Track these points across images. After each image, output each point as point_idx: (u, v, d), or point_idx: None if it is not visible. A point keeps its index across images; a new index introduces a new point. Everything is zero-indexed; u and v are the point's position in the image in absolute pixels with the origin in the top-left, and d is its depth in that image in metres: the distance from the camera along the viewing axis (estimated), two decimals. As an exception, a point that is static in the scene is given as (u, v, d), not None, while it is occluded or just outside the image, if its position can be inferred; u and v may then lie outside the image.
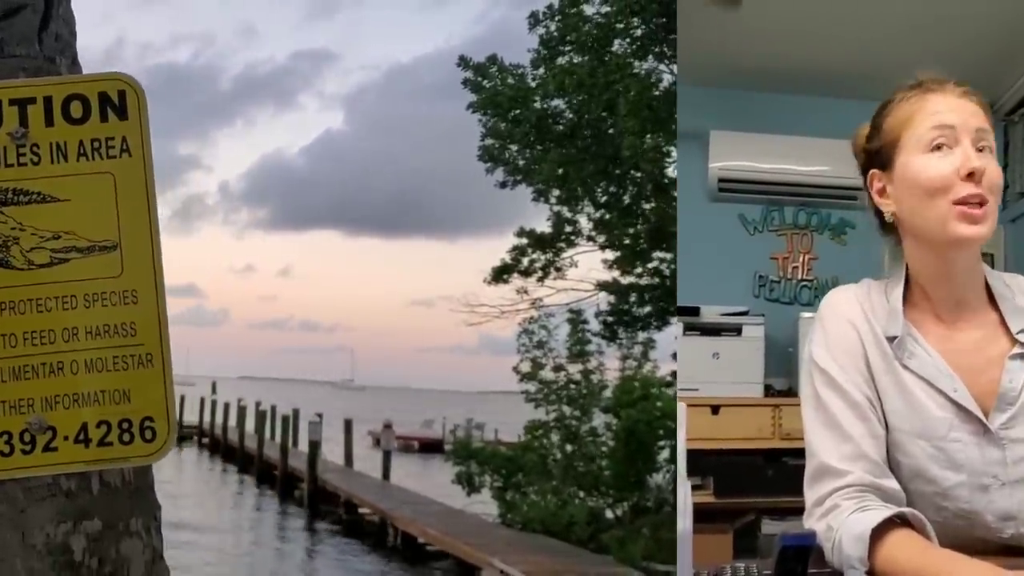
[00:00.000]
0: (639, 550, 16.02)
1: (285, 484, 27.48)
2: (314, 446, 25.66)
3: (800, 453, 2.23)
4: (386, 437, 27.86)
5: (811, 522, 2.07)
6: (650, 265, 16.03)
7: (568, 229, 16.23)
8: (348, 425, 30.28)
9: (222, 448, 38.61)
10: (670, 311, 15.86)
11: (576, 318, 20.01)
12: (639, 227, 15.37)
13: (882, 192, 2.17)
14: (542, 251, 16.48)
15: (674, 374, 16.28)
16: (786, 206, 6.80)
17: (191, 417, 45.44)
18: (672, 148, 13.49)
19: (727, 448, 6.34)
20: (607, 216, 15.36)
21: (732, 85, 6.41)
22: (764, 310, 6.64)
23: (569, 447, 20.25)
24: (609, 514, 19.30)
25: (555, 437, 20.54)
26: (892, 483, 2.08)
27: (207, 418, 42.98)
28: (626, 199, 14.94)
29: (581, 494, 19.43)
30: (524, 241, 16.45)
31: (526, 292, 16.92)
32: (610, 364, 20.93)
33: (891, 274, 2.22)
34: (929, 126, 2.07)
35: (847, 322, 2.18)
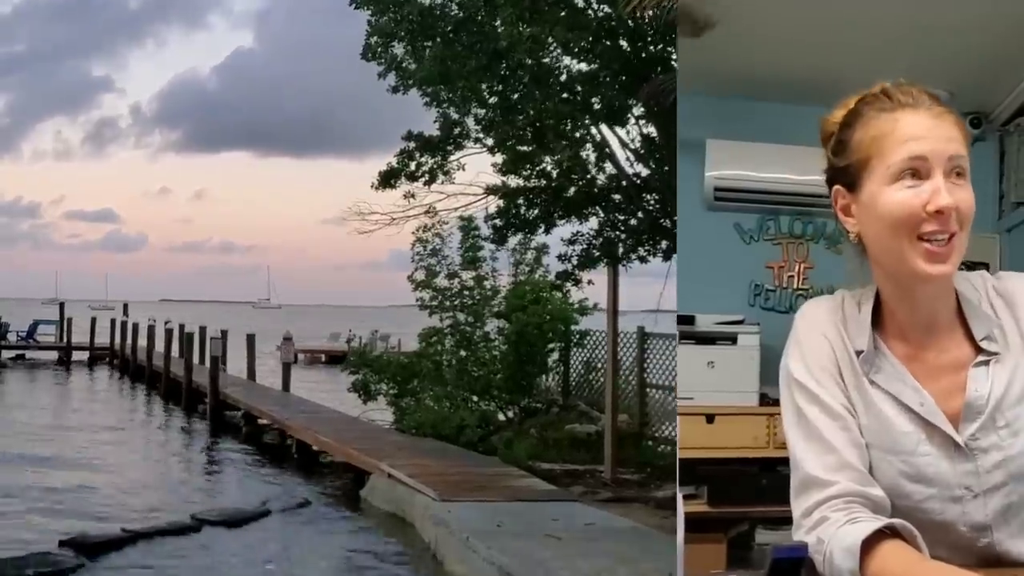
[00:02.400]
0: (525, 450, 15.88)
1: (190, 399, 27.04)
2: (215, 361, 25.23)
3: (795, 463, 2.22)
4: (285, 349, 27.45)
5: (800, 535, 2.06)
6: (538, 167, 15.62)
7: (456, 131, 15.76)
8: (251, 340, 29.81)
9: (132, 368, 37.97)
10: (555, 214, 15.59)
11: (468, 225, 19.85)
12: (524, 127, 14.94)
13: (846, 210, 2.11)
14: (430, 154, 15.99)
15: (561, 277, 16.00)
16: (782, 215, 6.69)
17: (103, 339, 44.64)
18: (551, 39, 13.09)
19: (722, 457, 6.31)
20: (493, 116, 14.88)
21: (730, 94, 6.21)
22: (760, 319, 6.60)
23: (463, 353, 20.16)
24: (501, 417, 19.17)
25: (449, 343, 20.40)
26: (878, 491, 2.06)
27: (120, 340, 41.95)
28: (514, 97, 14.46)
29: (474, 398, 19.28)
30: (411, 144, 15.93)
31: (413, 197, 16.44)
32: (503, 270, 20.80)
33: (863, 287, 2.18)
34: (901, 156, 1.98)
35: (821, 335, 2.17)
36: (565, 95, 14.11)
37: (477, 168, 20.26)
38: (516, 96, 14.37)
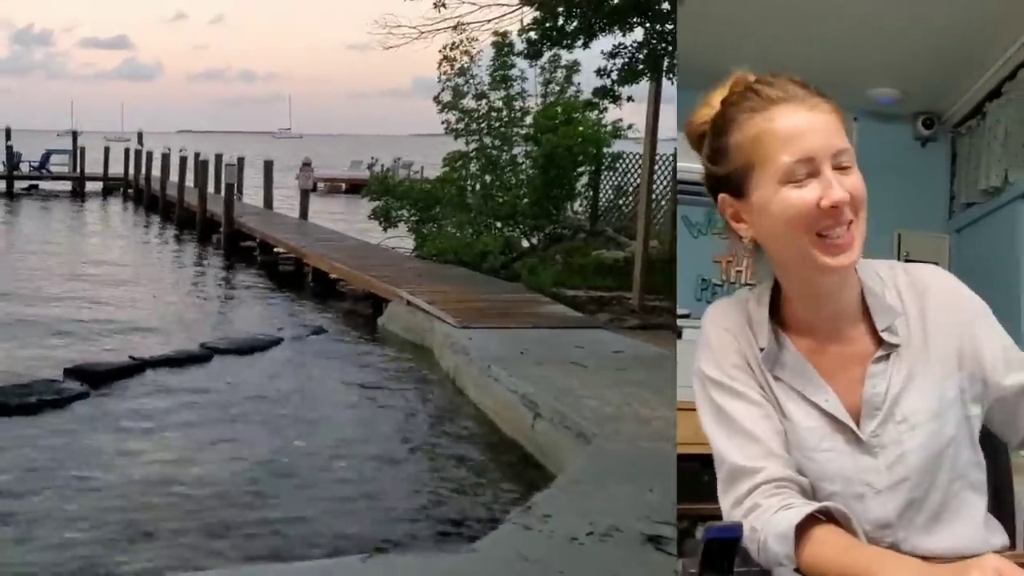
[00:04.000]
0: (550, 276, 15.54)
1: (204, 229, 26.77)
2: (230, 189, 24.80)
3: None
4: (304, 176, 26.87)
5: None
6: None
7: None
8: (268, 167, 29.36)
9: (146, 198, 37.80)
10: (596, 25, 14.77)
11: (501, 41, 19.08)
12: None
13: (736, 217, 2.13)
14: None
15: (598, 94, 15.24)
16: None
17: (118, 170, 44.37)
18: None
19: (664, 454, 6.24)
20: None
21: (685, 86, 5.96)
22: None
23: (488, 178, 19.69)
24: (525, 243, 18.81)
25: (474, 168, 19.95)
26: (804, 477, 2.09)
27: (134, 170, 41.65)
28: None
29: (498, 224, 18.89)
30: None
31: (444, 6, 15.68)
32: (531, 91, 20.18)
33: (762, 284, 2.22)
34: (786, 158, 1.98)
35: (727, 332, 2.20)
36: None
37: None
38: None
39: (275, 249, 21.41)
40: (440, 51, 19.52)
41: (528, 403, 8.95)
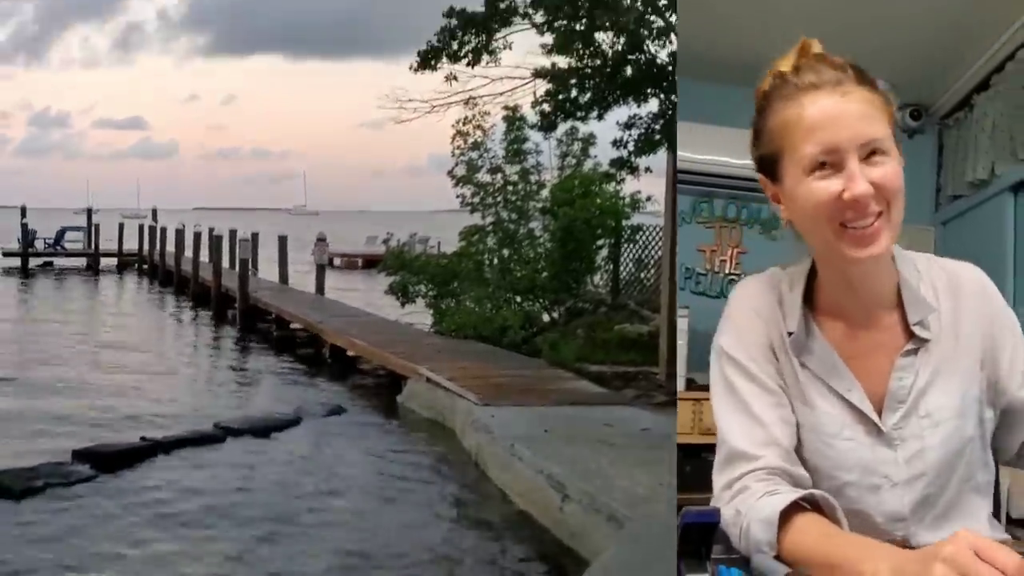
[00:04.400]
0: (572, 351, 15.25)
1: (219, 304, 26.55)
2: (244, 263, 24.62)
3: (718, 450, 2.16)
4: (319, 250, 26.73)
5: (719, 506, 2.05)
6: (592, 47, 14.66)
7: (502, 5, 14.82)
8: (282, 242, 29.28)
9: (161, 273, 37.74)
10: (610, 97, 14.66)
11: (512, 115, 19.06)
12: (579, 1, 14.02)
13: (776, 198, 2.12)
14: (473, 33, 15.07)
15: (615, 167, 15.12)
16: (716, 198, 6.63)
17: (132, 246, 44.58)
18: None
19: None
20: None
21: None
22: (689, 302, 6.49)
23: (506, 251, 19.52)
24: (545, 317, 18.55)
25: (491, 242, 19.79)
26: (801, 471, 2.09)
27: (148, 246, 41.72)
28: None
29: (517, 299, 18.65)
30: (453, 22, 15.01)
31: (456, 79, 15.54)
32: (548, 164, 20.08)
33: (797, 264, 2.20)
34: (810, 149, 1.97)
35: (754, 313, 2.19)
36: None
37: (524, 48, 19.25)
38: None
39: (291, 325, 21.19)
40: (453, 126, 19.54)
41: (555, 484, 8.64)
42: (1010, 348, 2.17)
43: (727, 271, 6.76)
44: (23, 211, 45.89)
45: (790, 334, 2.16)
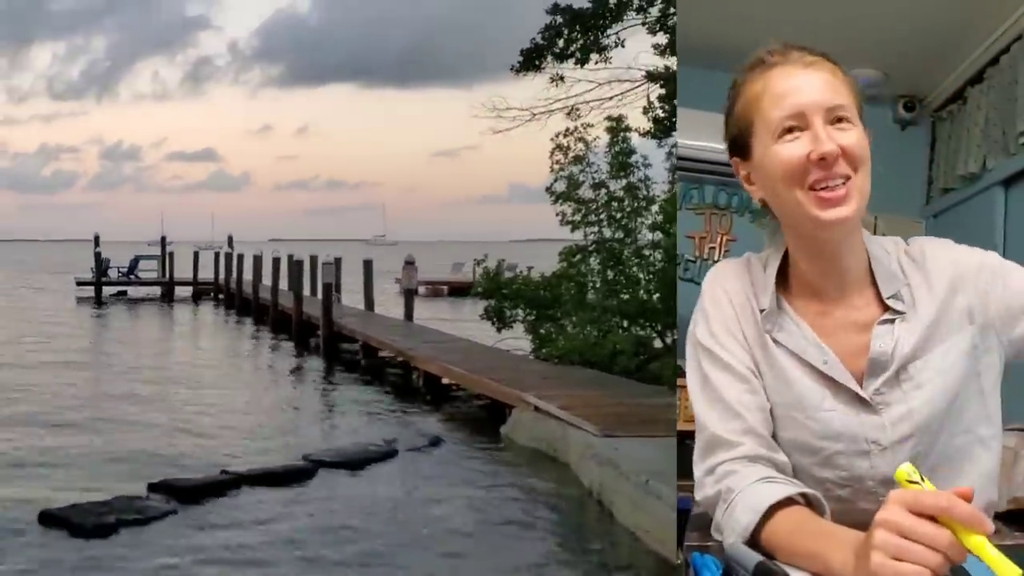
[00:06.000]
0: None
1: (301, 332, 25.85)
2: (328, 288, 23.86)
3: (703, 436, 2.22)
4: (407, 275, 25.83)
5: (703, 492, 2.13)
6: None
7: (612, 1, 13.85)
8: (368, 267, 28.51)
9: (237, 302, 37.35)
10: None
11: (617, 125, 18.04)
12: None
13: (748, 179, 2.20)
14: (581, 31, 14.07)
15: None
16: (706, 184, 6.59)
17: (207, 275, 44.49)
18: None
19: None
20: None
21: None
22: (678, 290, 6.48)
23: (611, 273, 18.44)
24: (658, 343, 17.45)
25: (594, 262, 18.79)
26: (782, 456, 2.15)
27: (229, 273, 41.33)
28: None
29: (625, 323, 17.61)
30: (558, 19, 14.00)
31: (562, 79, 14.54)
32: (657, 177, 19.02)
33: (771, 248, 2.27)
34: (777, 113, 2.06)
35: (726, 297, 2.26)
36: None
37: (637, 46, 18.34)
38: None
39: (379, 352, 20.34)
40: (552, 139, 18.64)
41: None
42: (1005, 289, 2.18)
43: (716, 259, 6.52)
44: (96, 239, 45.94)
45: (763, 311, 2.20)
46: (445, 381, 16.93)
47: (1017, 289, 2.18)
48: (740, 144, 2.17)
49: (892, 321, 2.16)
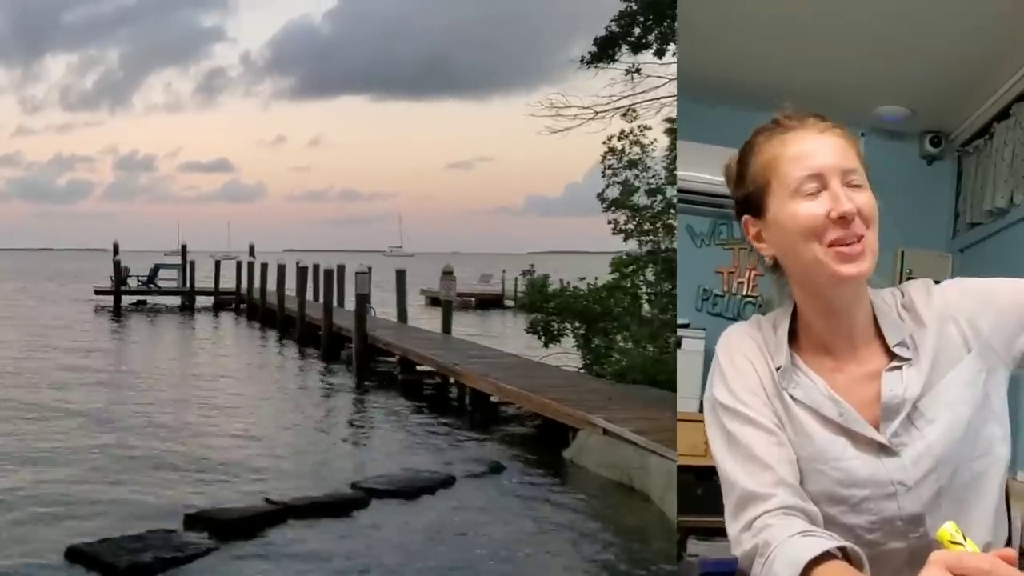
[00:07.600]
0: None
1: (330, 344, 24.88)
2: (362, 299, 22.72)
3: (730, 471, 2.25)
4: (446, 285, 24.65)
5: (740, 548, 2.09)
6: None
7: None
8: (400, 276, 27.44)
9: (260, 312, 36.34)
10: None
11: (674, 126, 17.01)
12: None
13: (758, 237, 2.23)
14: (656, 19, 12.97)
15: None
16: (735, 220, 5.66)
17: (228, 285, 43.83)
18: None
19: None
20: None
21: (699, 99, 6.32)
22: (706, 324, 6.60)
23: (667, 285, 17.45)
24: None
25: (650, 274, 17.80)
26: (812, 506, 2.13)
27: (251, 283, 40.43)
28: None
29: (687, 339, 16.50)
30: (633, 6, 12.87)
31: (639, 72, 13.48)
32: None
33: (779, 308, 2.31)
34: (796, 173, 2.11)
35: (743, 357, 2.27)
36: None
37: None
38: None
39: (417, 367, 19.35)
40: (604, 142, 17.70)
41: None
42: (993, 308, 2.20)
43: (744, 293, 6.87)
44: (115, 248, 45.13)
45: (778, 369, 2.22)
46: (494, 399, 15.89)
47: (1006, 305, 2.20)
48: (754, 202, 2.21)
49: (900, 368, 2.19)
